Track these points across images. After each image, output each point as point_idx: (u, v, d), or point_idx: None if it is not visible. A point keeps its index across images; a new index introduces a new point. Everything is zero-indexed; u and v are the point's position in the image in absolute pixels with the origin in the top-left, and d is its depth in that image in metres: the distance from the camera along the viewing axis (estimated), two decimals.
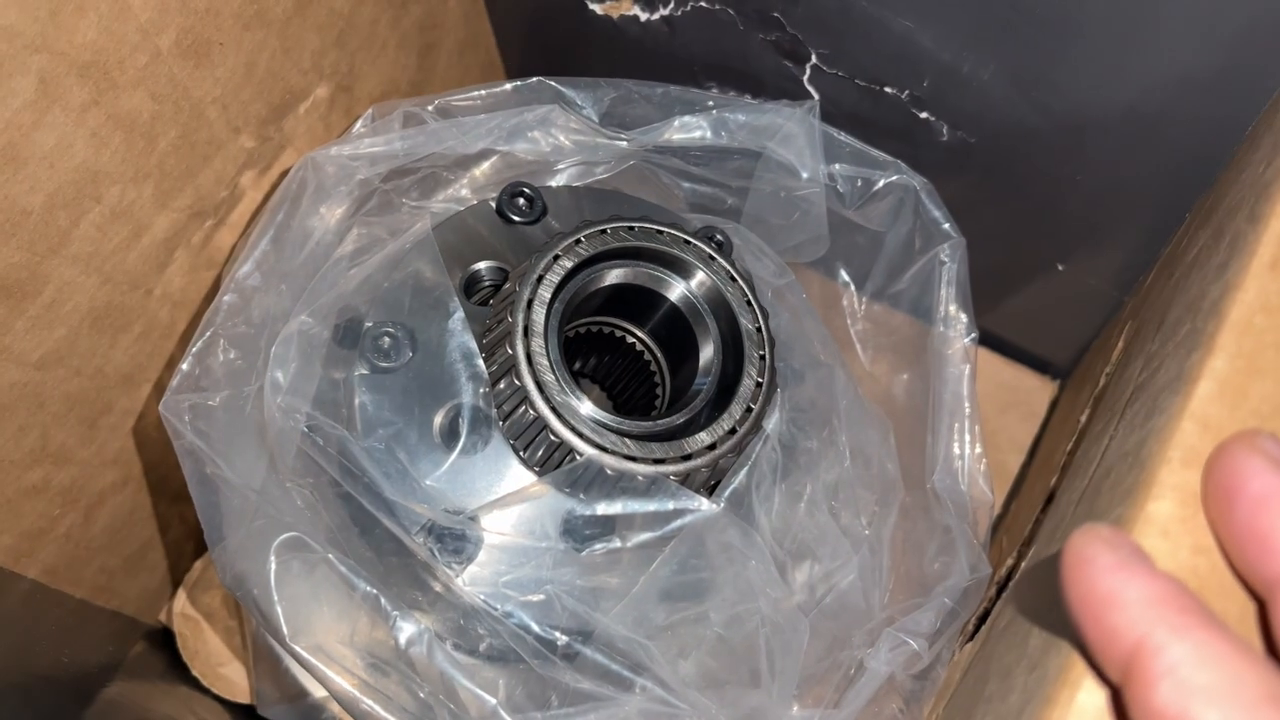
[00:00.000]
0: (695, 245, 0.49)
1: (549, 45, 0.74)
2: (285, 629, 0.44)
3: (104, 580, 0.65)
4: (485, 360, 0.47)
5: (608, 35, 0.68)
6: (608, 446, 0.43)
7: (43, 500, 0.58)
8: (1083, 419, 0.57)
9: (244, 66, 0.56)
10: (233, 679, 0.63)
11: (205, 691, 0.63)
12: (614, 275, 0.49)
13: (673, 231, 0.49)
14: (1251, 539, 0.28)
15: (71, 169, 0.49)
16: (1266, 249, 0.34)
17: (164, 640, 0.69)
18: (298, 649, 0.44)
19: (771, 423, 0.49)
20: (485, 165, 0.56)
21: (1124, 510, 0.32)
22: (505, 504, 0.48)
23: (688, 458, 0.44)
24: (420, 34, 0.69)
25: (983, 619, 0.56)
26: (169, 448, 0.49)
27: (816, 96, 0.64)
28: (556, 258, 0.47)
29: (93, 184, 0.51)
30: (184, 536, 0.69)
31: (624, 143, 0.55)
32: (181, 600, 0.66)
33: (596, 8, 0.67)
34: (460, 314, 0.48)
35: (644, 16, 0.65)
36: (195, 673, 0.63)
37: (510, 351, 0.44)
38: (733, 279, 0.49)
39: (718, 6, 0.62)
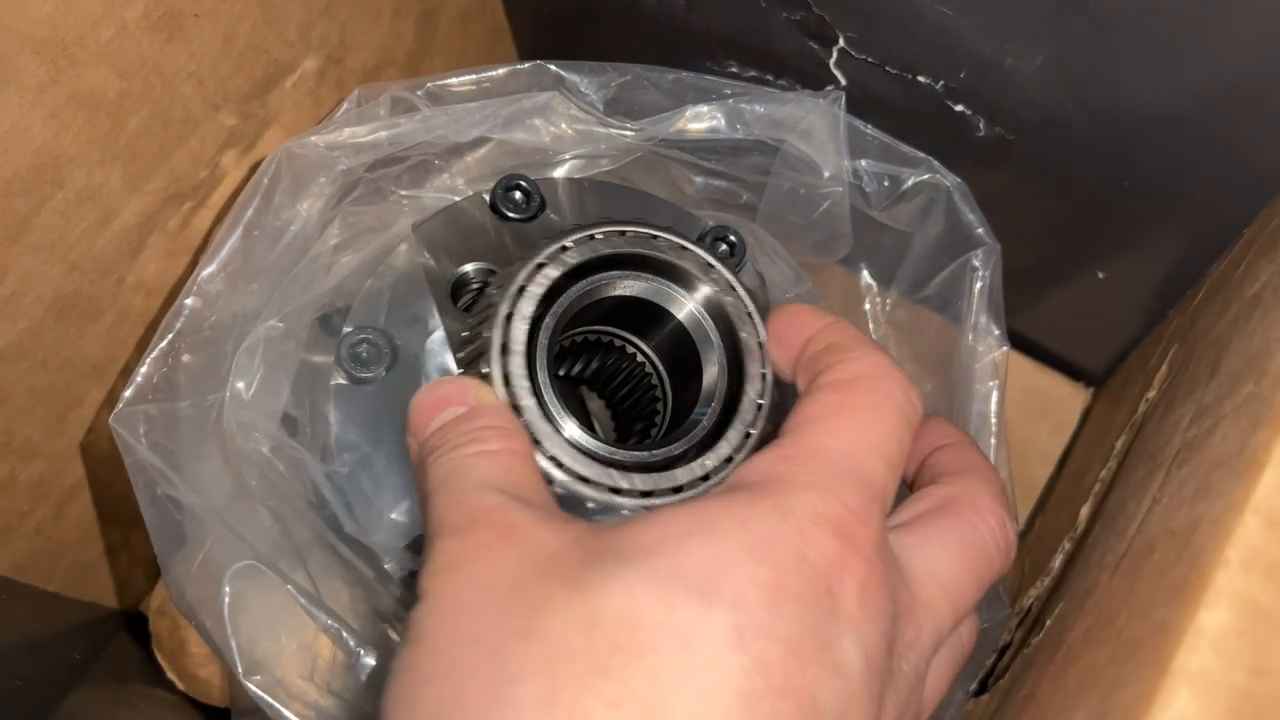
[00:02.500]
0: (693, 252, 0.45)
1: (559, 16, 0.69)
2: (240, 665, 0.41)
3: (78, 573, 0.62)
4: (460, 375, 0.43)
5: (621, 7, 0.64)
6: (590, 478, 0.39)
7: (9, 497, 0.55)
8: (1119, 444, 0.53)
9: (222, 38, 0.52)
10: (209, 681, 0.60)
11: (181, 693, 0.61)
12: (622, 287, 0.45)
13: (668, 237, 0.44)
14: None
15: (29, 153, 0.46)
16: None
17: (142, 629, 0.66)
18: (251, 686, 0.41)
19: None
20: (481, 152, 0.52)
21: (1170, 613, 0.28)
22: None
23: (678, 489, 0.40)
24: (418, 0, 0.64)
25: (1002, 652, 0.53)
26: None
27: (843, 82, 0.59)
28: (540, 266, 0.42)
29: (54, 168, 0.47)
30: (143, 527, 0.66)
31: (630, 133, 0.51)
32: (158, 597, 0.63)
33: None
34: (440, 333, 0.44)
35: None
36: (170, 675, 0.61)
37: (485, 371, 0.40)
38: (732, 288, 0.45)
39: None
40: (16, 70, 0.43)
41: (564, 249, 0.43)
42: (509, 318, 0.41)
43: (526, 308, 0.41)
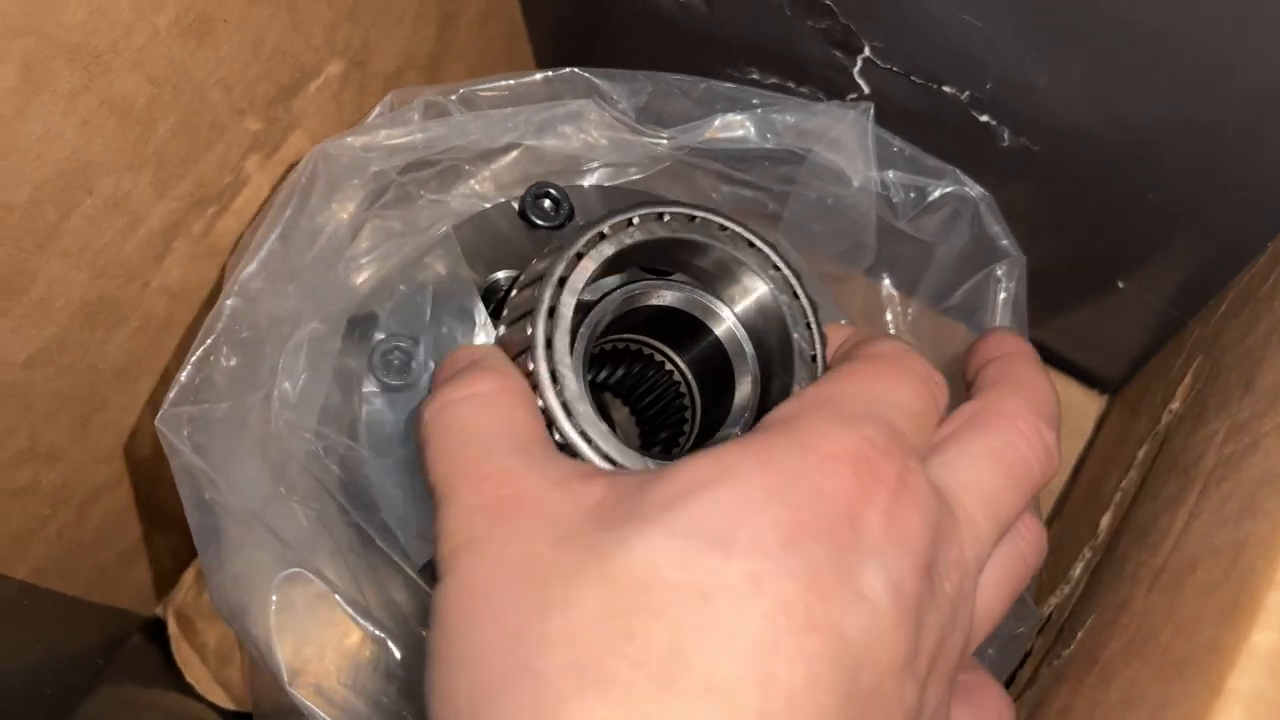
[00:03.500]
0: (761, 249, 0.43)
1: (578, 19, 0.69)
2: (284, 672, 0.41)
3: (98, 576, 0.62)
4: (502, 334, 0.43)
5: (642, 11, 0.64)
6: (618, 460, 0.39)
7: (32, 501, 0.55)
8: (1140, 454, 0.53)
9: (250, 45, 0.52)
10: (228, 685, 0.61)
11: (199, 697, 0.61)
12: (660, 296, 0.44)
13: (736, 229, 0.43)
14: None
15: (60, 159, 0.45)
16: None
17: (160, 633, 0.66)
18: (296, 694, 0.41)
19: None
20: (510, 158, 0.52)
21: (1220, 633, 0.28)
22: None
23: None
24: (439, 4, 0.64)
25: (1022, 661, 0.53)
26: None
27: (867, 90, 0.59)
28: (579, 256, 0.41)
29: (84, 174, 0.47)
30: (177, 531, 0.66)
31: (662, 141, 0.51)
32: (177, 600, 0.63)
33: None
34: (481, 336, 0.44)
35: None
36: (189, 678, 0.61)
37: (532, 367, 0.39)
38: (794, 294, 0.43)
39: None
40: (50, 77, 0.43)
41: (629, 223, 0.41)
42: (561, 282, 0.40)
43: (569, 300, 0.40)
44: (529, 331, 0.39)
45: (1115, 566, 0.45)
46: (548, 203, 0.50)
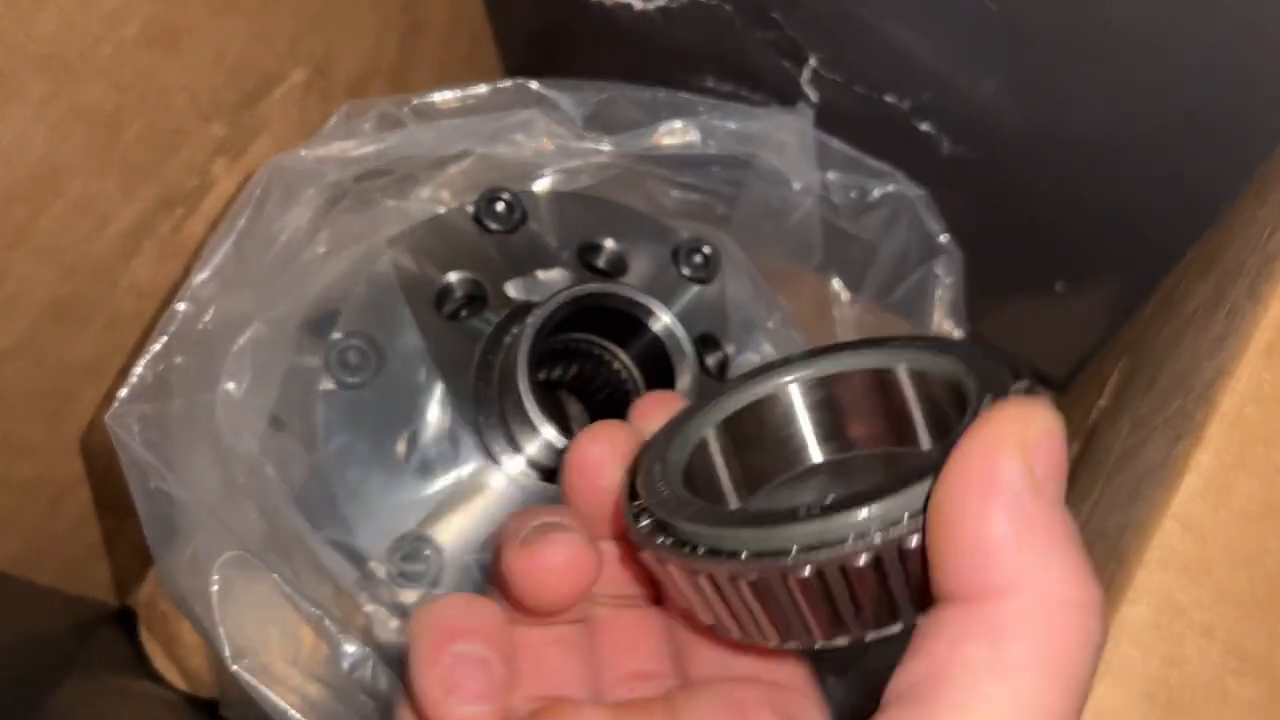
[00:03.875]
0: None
1: (541, 30, 0.71)
2: (227, 650, 0.43)
3: (68, 567, 0.64)
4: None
5: (601, 22, 0.66)
6: None
7: (4, 493, 0.57)
8: (1073, 450, 0.56)
9: (214, 53, 0.54)
10: (198, 673, 0.62)
11: (169, 685, 0.63)
12: (599, 299, 0.47)
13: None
14: None
15: (30, 164, 0.47)
16: (1263, 335, 0.32)
17: (129, 623, 0.68)
18: (238, 670, 0.43)
19: None
20: (465, 165, 0.54)
21: None
22: (466, 513, 0.47)
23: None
24: (403, 13, 0.66)
25: None
26: None
27: (815, 99, 0.61)
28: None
29: (53, 178, 0.49)
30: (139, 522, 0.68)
31: (608, 148, 0.53)
32: (147, 590, 0.65)
33: None
34: (424, 341, 0.46)
35: (639, 6, 0.63)
36: (157, 667, 0.63)
37: None
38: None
39: (715, 1, 0.60)
40: (21, 85, 0.45)
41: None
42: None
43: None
44: None
45: None
46: (500, 206, 0.52)
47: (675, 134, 0.53)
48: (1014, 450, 0.24)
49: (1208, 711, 0.28)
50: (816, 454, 0.35)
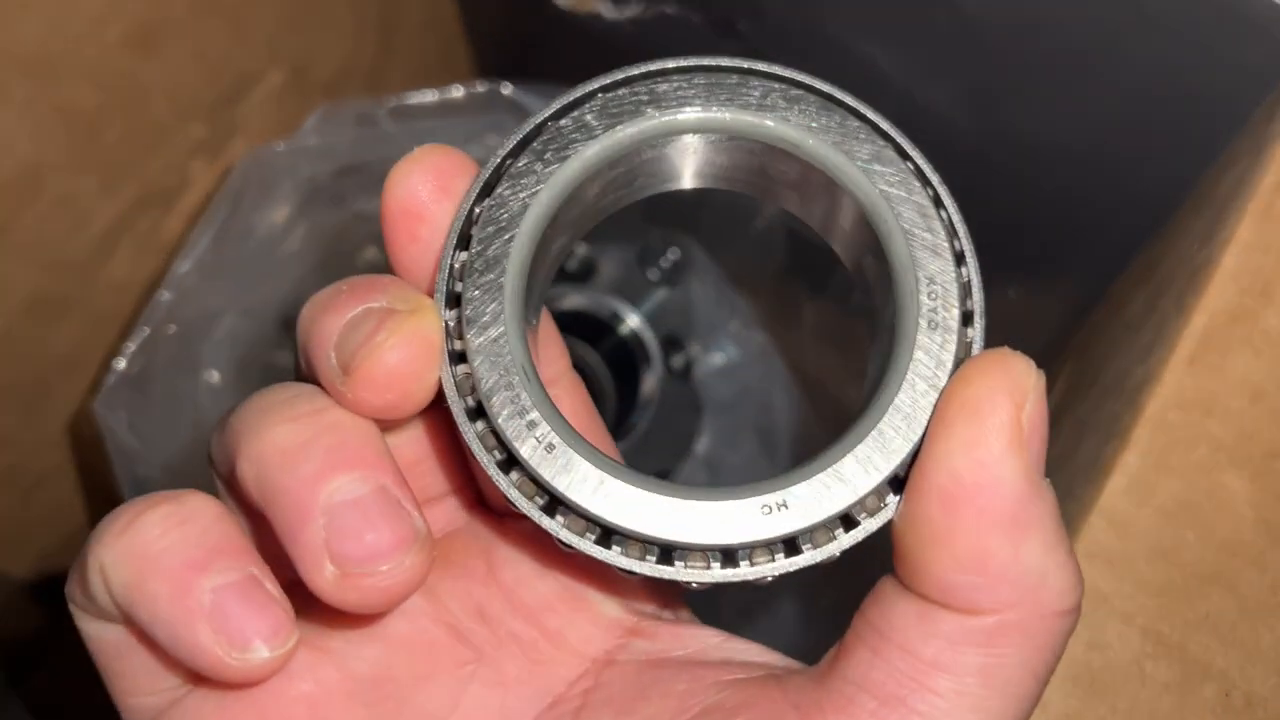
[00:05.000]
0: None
1: (514, 34, 0.72)
2: None
3: (42, 559, 0.65)
4: None
5: (572, 30, 0.67)
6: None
7: None
8: None
9: (194, 55, 0.55)
10: None
11: None
12: (570, 301, 0.49)
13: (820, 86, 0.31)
14: None
15: (13, 163, 0.49)
16: (1187, 344, 0.35)
17: None
18: None
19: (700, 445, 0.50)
20: None
21: None
22: None
23: None
24: (379, 15, 0.68)
25: None
26: None
27: None
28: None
29: (35, 176, 0.50)
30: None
31: None
32: None
33: (560, 1, 0.66)
34: None
35: (609, 16, 0.64)
36: None
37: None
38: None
39: (683, 12, 0.62)
40: (5, 86, 0.46)
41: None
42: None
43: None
44: None
45: None
46: None
47: None
48: (1009, 441, 0.23)
49: (1127, 692, 0.31)
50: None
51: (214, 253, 0.49)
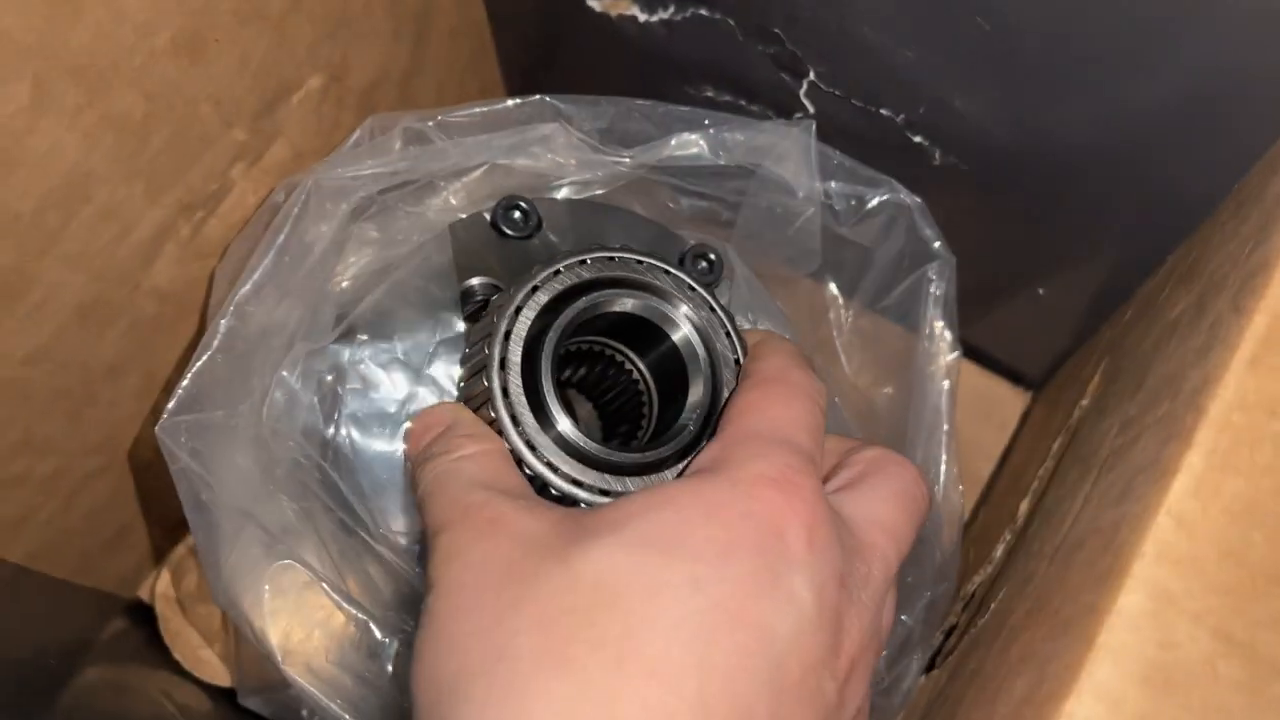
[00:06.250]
0: (674, 275, 0.50)
1: (544, 37, 0.73)
2: (277, 653, 0.45)
3: (83, 561, 0.66)
4: (463, 387, 0.48)
5: (604, 32, 0.68)
6: (583, 481, 0.44)
7: (25, 490, 0.58)
8: (1055, 446, 0.59)
9: (238, 62, 0.55)
10: (213, 663, 0.64)
11: (185, 674, 0.64)
12: (621, 304, 0.49)
13: (652, 261, 0.49)
14: None
15: (63, 171, 0.49)
16: (1247, 346, 0.35)
17: (144, 616, 0.69)
18: (289, 672, 0.45)
19: None
20: (481, 174, 0.56)
21: (1096, 597, 0.34)
22: None
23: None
24: (414, 21, 0.68)
25: (949, 633, 0.59)
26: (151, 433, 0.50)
27: (812, 110, 0.64)
28: (535, 289, 0.47)
29: (83, 185, 0.50)
30: (166, 517, 0.70)
31: (624, 160, 0.55)
32: (164, 582, 0.66)
33: (595, 4, 0.66)
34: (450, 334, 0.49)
35: (643, 18, 0.65)
36: (176, 655, 0.64)
37: (486, 384, 0.45)
38: (712, 309, 0.50)
39: (718, 15, 0.62)
40: (57, 95, 0.46)
41: (556, 273, 0.47)
42: (506, 335, 0.46)
43: (521, 328, 0.46)
44: (485, 385, 0.45)
45: (1026, 546, 0.51)
46: (517, 214, 0.54)
47: (685, 146, 0.55)
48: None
49: (1198, 691, 0.31)
50: None
51: (273, 276, 0.50)
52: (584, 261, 0.48)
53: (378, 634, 0.48)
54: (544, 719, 0.33)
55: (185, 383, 0.47)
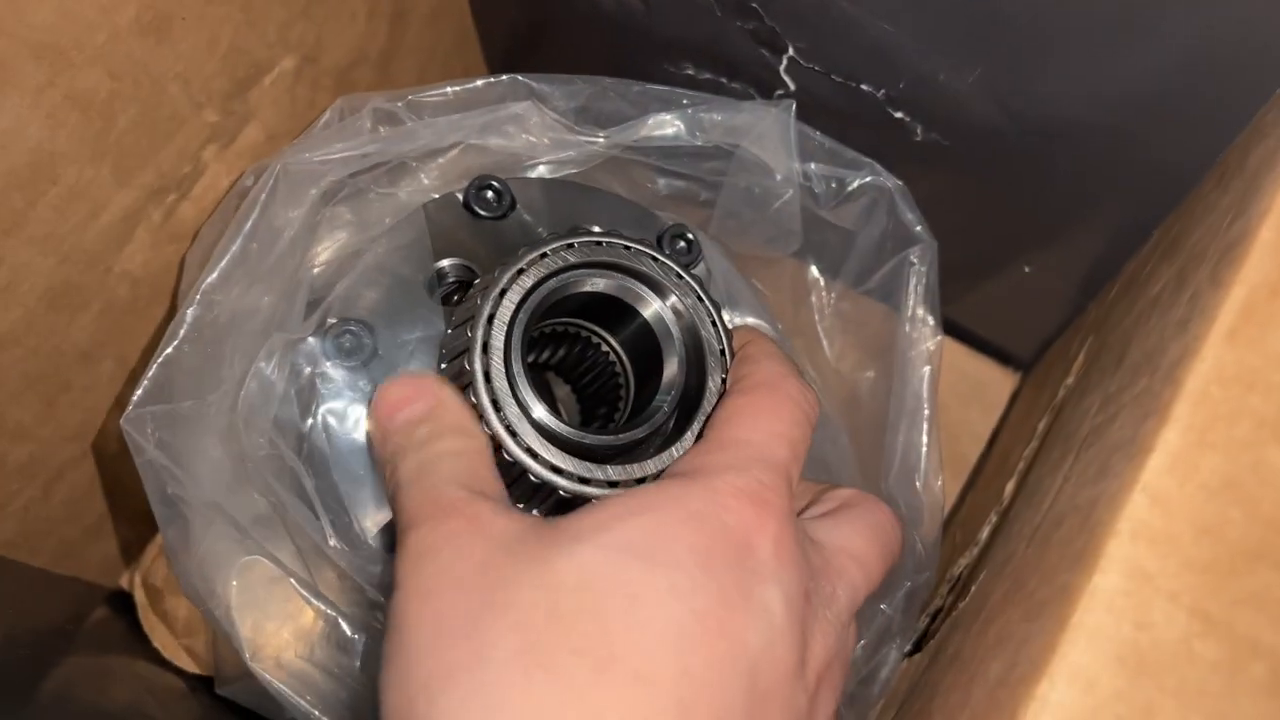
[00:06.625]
0: (663, 262, 0.49)
1: (525, 18, 0.72)
2: (245, 648, 0.44)
3: (63, 549, 0.65)
4: (443, 370, 0.47)
5: (584, 11, 0.67)
6: (563, 468, 0.43)
7: (0, 477, 0.57)
8: (1040, 426, 0.58)
9: (206, 41, 0.54)
10: (193, 651, 0.64)
11: (165, 663, 0.64)
12: (594, 284, 0.48)
13: (639, 247, 0.48)
14: None
15: (27, 151, 0.48)
16: (1226, 318, 0.34)
17: (124, 604, 0.69)
18: (256, 668, 0.44)
19: None
20: (454, 154, 0.55)
21: (1071, 577, 0.33)
22: None
23: (641, 481, 0.44)
24: (391, 2, 0.67)
25: (934, 616, 0.58)
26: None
27: (792, 87, 0.63)
28: (520, 272, 0.46)
29: (49, 165, 0.49)
30: (142, 509, 0.69)
31: (599, 140, 0.54)
32: (142, 571, 0.66)
33: None
34: (421, 317, 0.48)
35: None
36: (155, 644, 0.64)
37: (468, 368, 0.44)
38: (699, 298, 0.49)
39: None
40: (17, 73, 0.46)
41: (543, 256, 0.46)
42: (490, 319, 0.44)
43: (505, 312, 0.45)
44: (467, 367, 0.44)
45: (1009, 526, 0.50)
46: (490, 194, 0.53)
47: (663, 126, 0.54)
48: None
49: (1175, 671, 0.31)
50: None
51: (241, 262, 0.49)
52: (571, 245, 0.47)
53: (347, 630, 0.47)
54: None
55: (151, 373, 0.46)
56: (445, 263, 0.52)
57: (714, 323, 0.48)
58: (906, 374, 0.60)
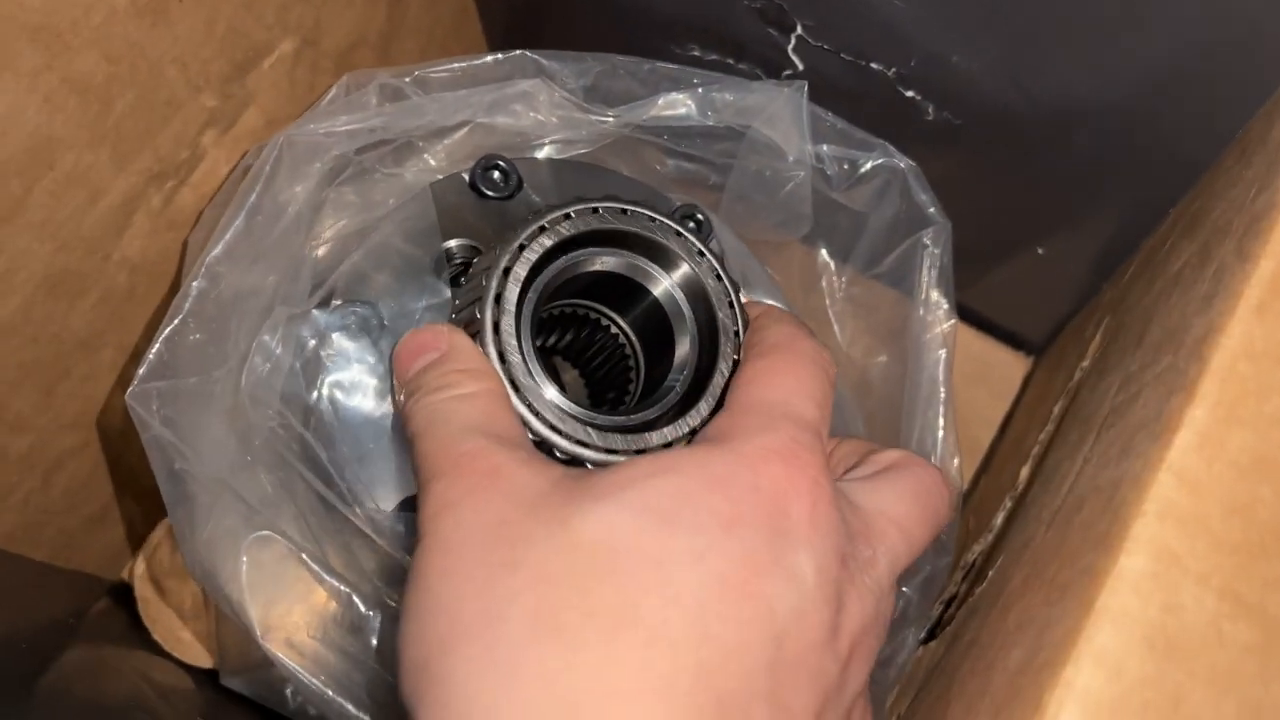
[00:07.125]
0: (686, 238, 0.47)
1: None
2: (257, 628, 0.44)
3: (64, 541, 0.64)
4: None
5: None
6: (565, 431, 0.43)
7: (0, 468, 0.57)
8: (1056, 409, 0.57)
9: (204, 23, 0.53)
10: (194, 643, 0.63)
11: (167, 655, 0.63)
12: (601, 263, 0.47)
13: (666, 220, 0.47)
14: None
15: (24, 136, 0.47)
16: (1254, 292, 0.33)
17: (126, 597, 0.68)
18: (268, 647, 0.44)
19: None
20: (463, 134, 0.54)
21: (1095, 559, 0.32)
22: None
23: (641, 452, 0.43)
24: None
25: (949, 604, 0.57)
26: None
27: (800, 67, 0.62)
28: (542, 229, 0.45)
29: (46, 150, 0.49)
30: (145, 497, 0.68)
31: (608, 119, 0.53)
32: (143, 563, 0.65)
33: None
34: (423, 304, 0.47)
35: None
36: (156, 637, 0.63)
37: (479, 317, 0.43)
38: (718, 276, 0.47)
39: None
40: (13, 56, 0.45)
41: (567, 217, 0.45)
42: (506, 271, 0.43)
43: (521, 270, 0.44)
44: (478, 316, 0.42)
45: (1025, 511, 0.49)
46: (497, 174, 0.52)
47: (674, 105, 0.53)
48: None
49: (1204, 655, 0.30)
50: None
51: (245, 235, 0.48)
52: (596, 210, 0.46)
53: (361, 607, 0.46)
54: (536, 683, 0.32)
55: (156, 347, 0.45)
56: (453, 243, 0.51)
57: (731, 304, 0.47)
58: (921, 358, 0.59)
